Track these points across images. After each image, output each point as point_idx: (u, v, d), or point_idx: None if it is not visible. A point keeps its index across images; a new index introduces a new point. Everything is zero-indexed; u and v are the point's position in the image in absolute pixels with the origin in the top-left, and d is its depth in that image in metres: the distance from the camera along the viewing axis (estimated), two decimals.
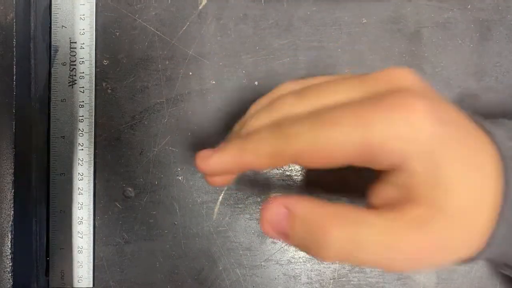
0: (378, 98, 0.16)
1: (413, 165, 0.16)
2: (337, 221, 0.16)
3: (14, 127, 0.26)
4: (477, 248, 0.17)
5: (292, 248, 0.30)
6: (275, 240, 0.30)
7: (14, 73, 0.26)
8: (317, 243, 0.17)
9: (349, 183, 0.23)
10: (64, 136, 0.29)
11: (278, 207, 0.18)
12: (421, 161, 0.16)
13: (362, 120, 0.16)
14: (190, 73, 0.30)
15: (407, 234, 0.16)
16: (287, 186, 0.30)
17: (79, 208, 0.29)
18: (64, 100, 0.29)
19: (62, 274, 0.29)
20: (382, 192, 0.18)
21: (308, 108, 0.18)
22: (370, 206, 0.18)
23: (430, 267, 0.18)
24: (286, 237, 0.18)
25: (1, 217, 0.25)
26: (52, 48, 0.29)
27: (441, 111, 0.16)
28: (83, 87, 0.29)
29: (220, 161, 0.19)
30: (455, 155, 0.16)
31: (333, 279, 0.30)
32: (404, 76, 0.17)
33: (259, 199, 0.30)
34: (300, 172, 0.30)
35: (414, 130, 0.15)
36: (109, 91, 0.30)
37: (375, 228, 0.16)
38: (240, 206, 0.30)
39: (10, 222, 0.25)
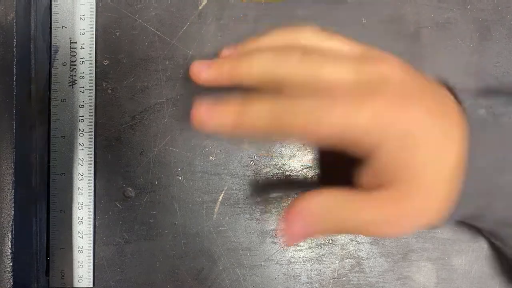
0: (360, 99, 0.19)
1: (383, 150, 0.19)
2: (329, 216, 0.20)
3: (14, 127, 0.26)
4: (446, 211, 0.20)
5: (292, 248, 0.30)
6: (275, 240, 0.30)
7: (14, 73, 0.26)
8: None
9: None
10: (64, 136, 0.29)
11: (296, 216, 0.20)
12: (390, 150, 0.19)
13: (347, 114, 0.18)
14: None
15: (385, 207, 0.19)
16: (287, 186, 0.30)
17: (79, 208, 0.29)
18: (64, 100, 0.29)
19: (62, 274, 0.29)
20: (363, 176, 0.20)
21: (308, 78, 0.20)
22: (357, 186, 0.21)
23: (407, 232, 0.22)
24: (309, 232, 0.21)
25: (1, 217, 0.25)
26: (52, 48, 0.29)
27: (410, 112, 0.19)
28: (83, 87, 0.29)
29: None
30: (419, 149, 0.19)
31: (333, 279, 0.30)
32: (391, 70, 0.20)
33: (259, 199, 0.30)
34: (300, 172, 0.30)
35: (383, 132, 0.18)
36: (109, 91, 0.30)
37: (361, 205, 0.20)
38: (240, 206, 0.30)
39: (10, 222, 0.25)
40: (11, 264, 0.25)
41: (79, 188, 0.29)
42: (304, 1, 0.30)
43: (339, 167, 0.23)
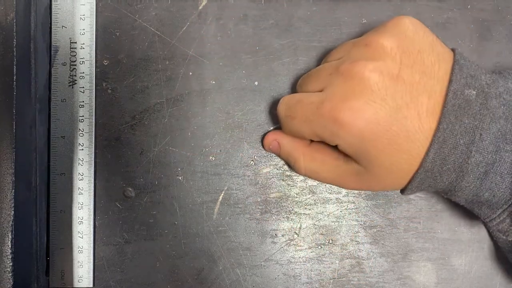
0: (319, 107, 0.24)
1: (343, 148, 0.24)
2: (304, 158, 0.27)
3: (14, 127, 0.26)
4: (402, 185, 0.24)
5: (292, 248, 0.30)
6: (275, 240, 0.30)
7: (14, 73, 0.26)
8: (293, 165, 0.28)
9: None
10: (64, 136, 0.29)
11: (272, 140, 0.28)
12: (347, 148, 0.23)
13: (308, 120, 0.24)
14: (190, 73, 0.30)
15: (348, 177, 0.26)
16: (287, 186, 0.30)
17: (79, 208, 0.29)
18: (64, 100, 0.29)
19: (62, 274, 0.29)
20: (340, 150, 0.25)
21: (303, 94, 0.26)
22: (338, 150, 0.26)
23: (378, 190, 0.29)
24: (278, 155, 0.29)
25: (1, 217, 0.25)
26: (52, 48, 0.29)
27: (365, 112, 0.22)
28: (83, 87, 0.29)
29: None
30: (375, 146, 0.22)
31: (333, 279, 0.30)
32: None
33: (259, 199, 0.30)
34: None
35: (337, 132, 0.23)
36: (109, 91, 0.30)
37: (328, 167, 0.26)
38: (240, 206, 0.30)
39: (10, 222, 0.25)
40: (11, 264, 0.25)
41: (79, 188, 0.29)
42: (304, 1, 0.30)
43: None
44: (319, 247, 0.30)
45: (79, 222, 0.29)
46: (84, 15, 0.29)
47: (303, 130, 0.25)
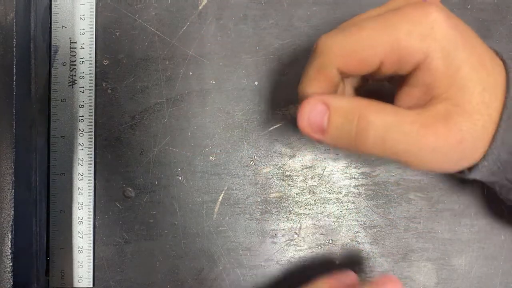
0: (400, 8, 0.19)
1: (433, 63, 0.19)
2: (375, 110, 0.19)
3: (14, 127, 0.26)
4: (483, 152, 0.20)
5: (292, 248, 0.30)
6: (275, 240, 0.30)
7: (14, 73, 0.26)
8: (356, 131, 0.19)
9: None
10: (64, 136, 0.29)
11: (317, 103, 0.20)
12: (439, 58, 0.19)
13: (386, 23, 0.19)
14: (190, 73, 0.30)
15: (435, 125, 0.19)
16: (287, 186, 0.30)
17: (79, 208, 0.29)
18: (64, 100, 0.29)
19: (62, 274, 0.29)
20: (408, 95, 0.20)
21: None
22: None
23: (450, 167, 0.21)
24: (322, 132, 0.20)
25: (1, 217, 0.25)
26: (52, 48, 0.29)
27: (457, 22, 0.19)
28: (83, 87, 0.29)
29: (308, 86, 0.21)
30: (469, 59, 0.19)
31: None
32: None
33: (259, 199, 0.30)
34: (300, 172, 0.30)
35: (432, 29, 0.18)
36: (109, 91, 0.30)
37: (408, 117, 0.19)
38: (240, 206, 0.30)
39: (10, 222, 0.25)
40: (11, 264, 0.25)
41: (79, 188, 0.29)
42: (304, 1, 0.30)
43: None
44: (319, 247, 0.30)
45: (79, 222, 0.29)
46: (84, 15, 0.29)
47: (376, 43, 0.19)
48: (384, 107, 0.19)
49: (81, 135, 0.29)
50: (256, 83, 0.30)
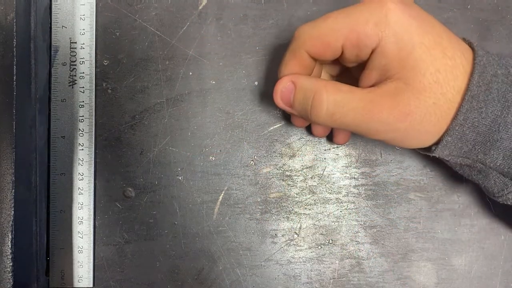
0: (363, 1, 0.22)
1: (386, 46, 0.21)
2: (330, 89, 0.22)
3: (14, 127, 0.26)
4: (440, 131, 0.22)
5: (292, 248, 0.30)
6: (275, 240, 0.30)
7: (14, 73, 0.26)
8: (312, 104, 0.23)
9: None
10: (64, 136, 0.29)
11: (287, 82, 0.24)
12: (392, 43, 0.21)
13: (348, 13, 0.22)
14: (190, 73, 0.30)
15: (381, 101, 0.21)
16: (287, 186, 0.30)
17: (79, 208, 0.29)
18: (64, 100, 0.29)
19: (62, 274, 0.29)
20: (367, 78, 0.23)
21: None
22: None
23: (405, 140, 0.23)
24: (290, 106, 0.24)
25: (1, 217, 0.25)
26: (52, 48, 0.29)
27: (415, 11, 0.21)
28: (83, 87, 0.29)
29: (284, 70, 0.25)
30: (423, 42, 0.21)
31: (333, 279, 0.30)
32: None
33: (259, 199, 0.30)
34: (300, 172, 0.30)
35: (386, 17, 0.21)
36: (109, 91, 0.30)
37: (357, 95, 0.22)
38: (240, 206, 0.30)
39: (10, 222, 0.25)
40: (11, 264, 0.25)
41: (79, 188, 0.29)
42: (304, 1, 0.30)
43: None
44: (319, 247, 0.30)
45: (79, 222, 0.29)
46: (84, 15, 0.29)
47: (337, 29, 0.22)
48: (340, 87, 0.22)
49: (81, 135, 0.29)
50: (256, 83, 0.30)
